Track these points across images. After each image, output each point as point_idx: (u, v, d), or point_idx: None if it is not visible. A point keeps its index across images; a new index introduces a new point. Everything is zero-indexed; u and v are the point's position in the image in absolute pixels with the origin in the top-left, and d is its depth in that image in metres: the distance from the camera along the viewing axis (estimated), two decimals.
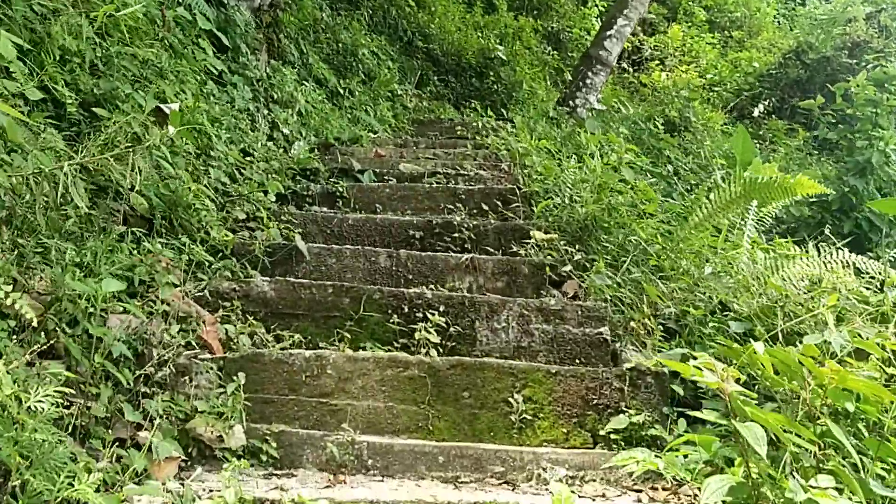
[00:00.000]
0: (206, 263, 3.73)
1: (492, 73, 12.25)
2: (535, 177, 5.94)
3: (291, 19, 8.79)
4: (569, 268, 4.19)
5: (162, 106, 4.49)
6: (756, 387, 3.00)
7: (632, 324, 3.84)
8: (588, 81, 9.85)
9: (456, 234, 4.70)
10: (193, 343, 3.10)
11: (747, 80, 13.82)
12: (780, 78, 13.37)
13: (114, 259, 3.30)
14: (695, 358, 2.35)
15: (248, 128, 6.27)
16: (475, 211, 5.34)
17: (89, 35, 4.39)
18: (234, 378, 2.81)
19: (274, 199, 5.19)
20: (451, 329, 3.48)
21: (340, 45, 9.81)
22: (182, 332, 3.15)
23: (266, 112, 6.86)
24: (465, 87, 12.21)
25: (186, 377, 2.78)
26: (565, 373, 3.04)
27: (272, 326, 3.42)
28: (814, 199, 7.90)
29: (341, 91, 8.86)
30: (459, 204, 5.37)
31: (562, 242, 4.62)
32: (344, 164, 5.93)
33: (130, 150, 3.98)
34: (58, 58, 4.12)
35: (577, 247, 4.61)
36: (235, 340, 3.21)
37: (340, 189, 5.39)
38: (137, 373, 2.72)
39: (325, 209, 5.34)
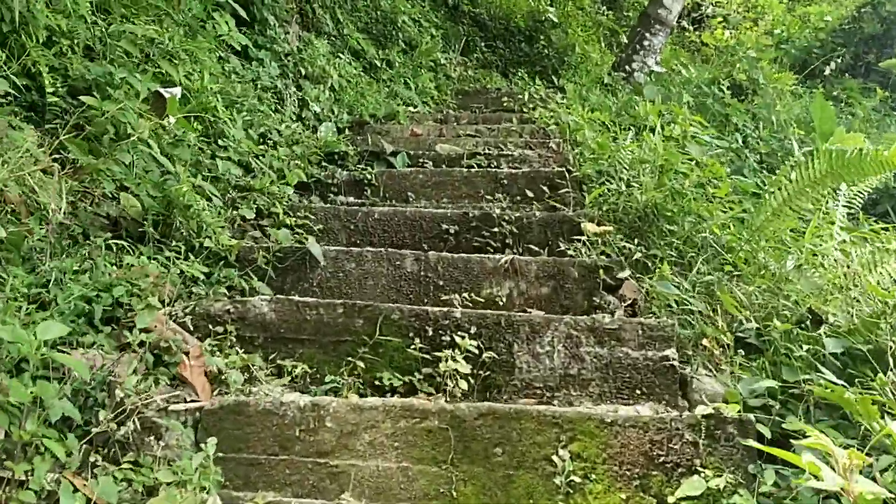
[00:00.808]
0: (203, 276, 3.17)
1: (542, 37, 11.38)
2: (588, 156, 5.22)
3: None
4: (627, 273, 3.49)
5: (161, 90, 3.93)
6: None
7: (704, 341, 3.15)
8: (646, 43, 8.96)
9: (495, 229, 4.04)
10: (172, 382, 2.55)
11: (818, 36, 12.63)
12: (854, 33, 12.16)
13: (87, 279, 2.77)
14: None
15: (274, 108, 5.69)
16: (518, 198, 4.66)
17: (83, 12, 3.83)
18: (213, 434, 2.25)
19: (294, 189, 4.62)
20: (485, 355, 2.85)
21: (380, 12, 9.11)
22: (162, 365, 2.61)
23: (294, 90, 6.26)
24: (514, 52, 11.38)
25: (153, 436, 2.22)
26: (623, 422, 2.38)
27: (272, 355, 2.84)
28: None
29: (379, 63, 8.19)
30: (501, 190, 4.70)
31: (618, 236, 3.92)
32: (375, 147, 5.30)
33: (118, 143, 3.45)
34: (43, 39, 3.57)
35: (635, 241, 3.90)
36: (226, 376, 2.64)
37: (369, 176, 4.77)
38: (95, 430, 2.18)
39: (351, 198, 4.74)
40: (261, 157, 4.49)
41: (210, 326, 2.85)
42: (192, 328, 2.83)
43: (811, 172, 3.77)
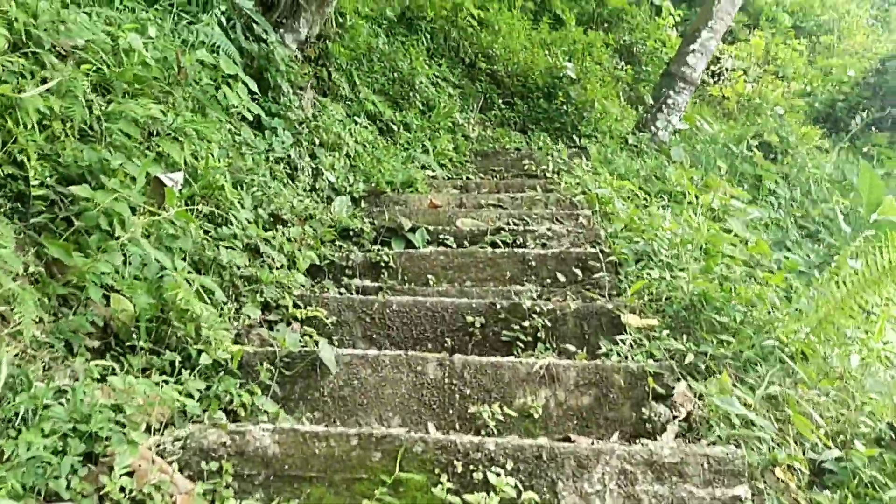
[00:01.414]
0: (197, 393, 2.75)
1: (560, 93, 11.07)
2: (620, 231, 4.81)
3: (342, 50, 7.87)
4: (682, 386, 3.04)
5: (162, 176, 3.57)
6: None
7: (776, 470, 2.68)
8: (670, 101, 8.61)
9: (526, 323, 3.61)
10: None
11: (841, 89, 12.27)
12: (879, 86, 11.80)
13: (58, 409, 2.36)
14: None
15: (286, 179, 5.34)
16: (548, 281, 4.24)
17: (78, 93, 3.50)
18: None
19: (306, 272, 4.24)
20: (524, 496, 2.40)
21: (397, 73, 8.85)
22: None
23: (308, 159, 5.92)
24: (533, 109, 11.07)
25: None
26: None
27: (275, 497, 2.40)
28: None
29: (396, 126, 7.87)
30: (529, 273, 4.28)
31: (663, 332, 3.48)
32: (392, 223, 4.92)
33: (110, 240, 3.08)
34: (33, 124, 3.23)
35: (683, 336, 3.46)
36: None
37: (386, 258, 4.37)
38: None
39: (367, 282, 4.33)
40: (270, 241, 4.11)
41: (203, 463, 2.41)
42: (182, 464, 2.41)
43: (880, 262, 3.32)
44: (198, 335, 3.05)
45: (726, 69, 14.03)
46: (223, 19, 5.64)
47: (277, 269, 4.02)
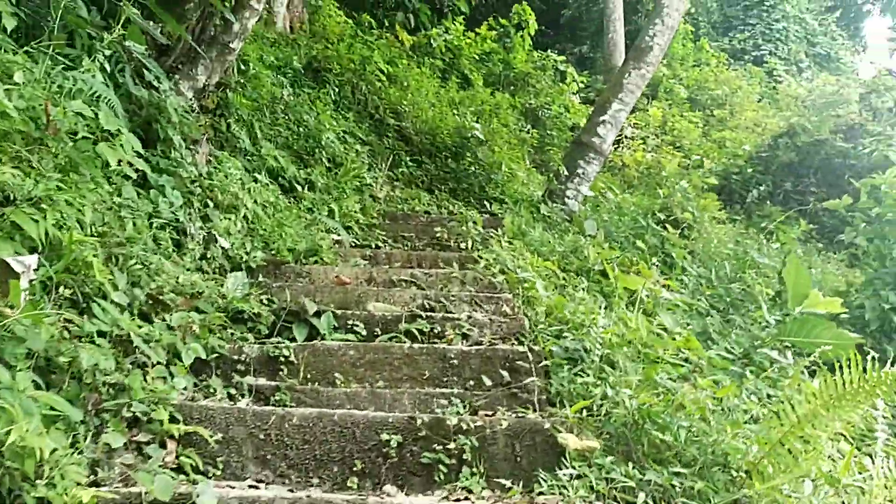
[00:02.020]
0: None
1: (468, 154, 10.74)
2: (546, 320, 4.37)
3: (243, 100, 7.22)
4: None
5: (10, 260, 2.85)
6: None
7: None
8: (580, 171, 8.39)
9: (451, 445, 3.06)
10: None
11: (735, 162, 12.58)
12: (772, 161, 12.14)
13: None
14: None
15: (171, 248, 4.63)
16: (472, 384, 3.72)
17: None
18: None
19: (190, 368, 3.55)
20: None
21: (302, 127, 8.25)
22: None
23: (200, 223, 5.21)
24: (440, 168, 10.66)
25: None
26: None
27: None
28: (847, 315, 6.37)
29: (300, 183, 7.25)
30: (451, 373, 3.75)
31: (607, 458, 3.01)
32: (294, 304, 4.29)
33: None
34: None
35: (628, 464, 3.00)
36: None
37: (286, 352, 3.74)
38: None
39: (262, 380, 3.68)
40: (147, 333, 3.40)
41: None
42: None
43: (838, 385, 3.00)
44: (38, 475, 2.33)
45: (626, 137, 14.20)
46: (109, 64, 4.94)
47: (153, 367, 3.32)
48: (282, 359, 3.72)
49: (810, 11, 19.56)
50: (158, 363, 3.39)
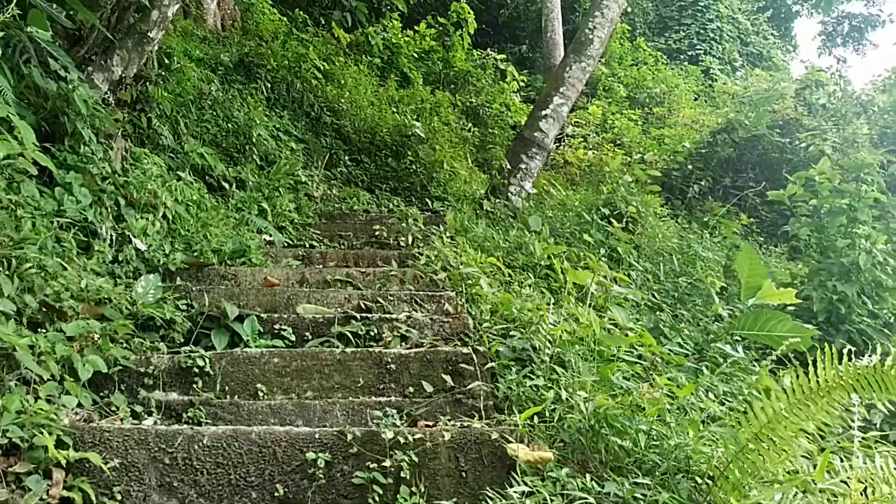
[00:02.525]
0: None
1: (409, 152, 10.37)
2: (491, 319, 4.02)
3: (165, 94, 6.68)
4: None
5: None
6: None
7: None
8: (523, 167, 8.09)
9: (387, 462, 2.66)
10: None
11: (676, 158, 12.50)
12: (711, 157, 12.09)
13: None
14: None
15: (76, 250, 4.12)
16: (412, 390, 3.33)
17: None
18: None
19: (88, 382, 3.07)
20: None
21: (231, 123, 7.73)
22: None
23: (112, 222, 4.70)
24: (381, 167, 10.27)
25: None
26: None
27: None
28: (793, 307, 6.19)
29: (229, 181, 6.75)
30: (388, 380, 3.36)
31: (562, 470, 2.66)
32: (214, 308, 3.83)
33: None
34: None
35: (587, 476, 2.66)
36: None
37: (201, 362, 3.28)
38: None
39: (174, 395, 3.22)
40: (33, 347, 2.91)
41: None
42: None
43: (812, 383, 2.71)
44: None
45: (567, 135, 14.02)
46: (13, 52, 4.44)
47: (42, 385, 2.84)
48: (196, 370, 3.26)
49: (742, 12, 19.80)
50: (51, 379, 2.91)
